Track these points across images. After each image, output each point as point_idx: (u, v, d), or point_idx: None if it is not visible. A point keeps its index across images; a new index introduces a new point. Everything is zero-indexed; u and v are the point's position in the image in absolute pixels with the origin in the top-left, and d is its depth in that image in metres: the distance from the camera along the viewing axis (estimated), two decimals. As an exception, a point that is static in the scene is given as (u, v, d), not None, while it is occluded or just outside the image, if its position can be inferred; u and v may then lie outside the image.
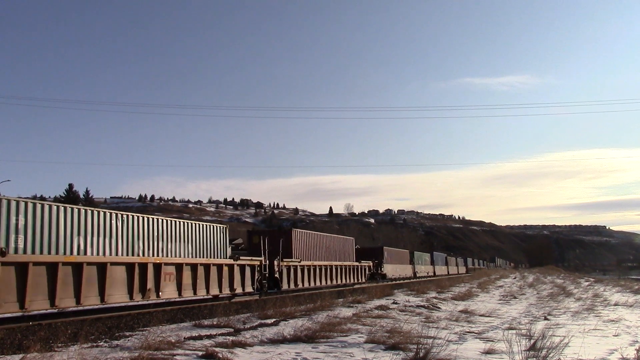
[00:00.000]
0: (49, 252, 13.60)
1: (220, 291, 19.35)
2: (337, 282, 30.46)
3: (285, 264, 23.87)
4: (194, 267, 18.04)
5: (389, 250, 45.96)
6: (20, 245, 13.04)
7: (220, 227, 22.16)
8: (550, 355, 7.92)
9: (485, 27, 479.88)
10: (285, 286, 23.85)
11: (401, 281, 43.30)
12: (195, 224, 20.70)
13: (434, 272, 62.92)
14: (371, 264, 38.40)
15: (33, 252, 13.17)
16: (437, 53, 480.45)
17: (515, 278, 59.92)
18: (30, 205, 13.44)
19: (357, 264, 35.08)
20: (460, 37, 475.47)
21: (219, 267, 19.51)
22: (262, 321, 13.39)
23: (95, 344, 9.62)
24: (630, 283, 42.02)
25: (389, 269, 43.31)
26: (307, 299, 19.79)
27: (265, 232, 29.03)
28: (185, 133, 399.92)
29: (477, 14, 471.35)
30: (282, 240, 24.06)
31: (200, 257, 19.84)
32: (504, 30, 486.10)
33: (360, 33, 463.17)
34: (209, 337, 10.50)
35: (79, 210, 15.05)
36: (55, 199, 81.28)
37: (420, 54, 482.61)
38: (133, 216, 17.12)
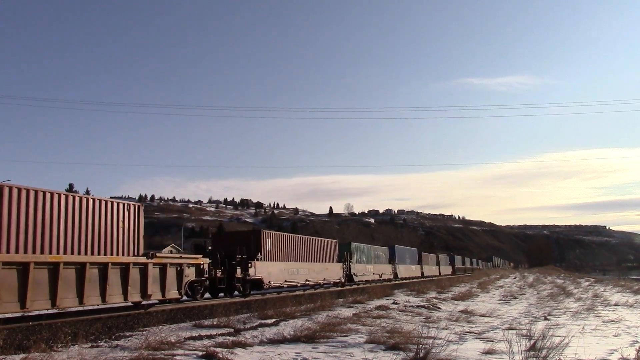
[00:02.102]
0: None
1: None
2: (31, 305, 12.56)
3: None
4: None
5: (274, 237, 25.20)
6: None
7: None
8: (551, 356, 7.92)
9: (484, 28, 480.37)
10: None
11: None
12: None
13: (395, 274, 45.98)
14: (203, 262, 19.06)
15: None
16: (437, 53, 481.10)
17: (515, 278, 59.91)
18: None
19: (141, 261, 15.95)
20: (460, 37, 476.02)
21: None
22: (262, 321, 13.40)
23: (95, 344, 9.62)
24: (630, 283, 42.01)
25: (274, 271, 24.02)
26: (307, 299, 19.79)
27: None
28: (185, 133, 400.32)
29: (477, 14, 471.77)
30: None
31: None
32: (503, 31, 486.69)
33: (360, 33, 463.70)
34: (209, 337, 10.50)
35: None
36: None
37: (420, 54, 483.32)
38: None
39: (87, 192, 65.08)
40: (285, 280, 25.47)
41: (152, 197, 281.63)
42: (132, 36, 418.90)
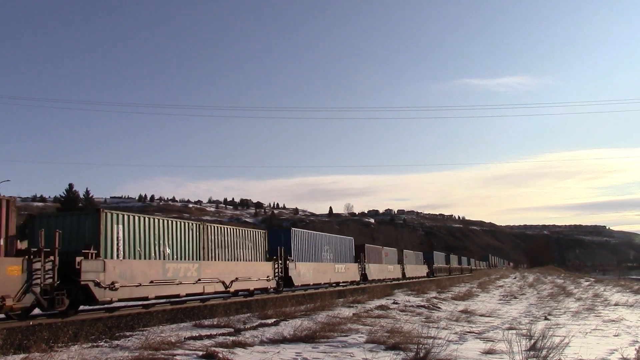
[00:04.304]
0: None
1: None
2: None
3: None
4: None
5: None
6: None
7: None
8: (551, 355, 7.92)
9: (484, 29, 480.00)
10: None
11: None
12: None
13: (286, 279, 25.55)
14: None
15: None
16: (437, 54, 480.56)
17: (515, 278, 59.90)
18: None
19: None
20: (460, 38, 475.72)
21: None
22: (262, 321, 13.40)
23: (95, 344, 9.62)
24: (630, 283, 42.03)
25: None
26: (307, 299, 19.81)
27: None
28: (185, 133, 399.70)
29: (475, 16, 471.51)
30: None
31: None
32: (502, 32, 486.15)
33: (360, 34, 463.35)
34: (209, 337, 10.51)
35: None
36: (55, 199, 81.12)
37: (420, 54, 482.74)
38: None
39: (87, 192, 64.21)
40: None
41: (152, 197, 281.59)
42: (132, 36, 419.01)
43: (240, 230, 22.82)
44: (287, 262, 25.38)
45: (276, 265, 24.45)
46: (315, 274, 28.52)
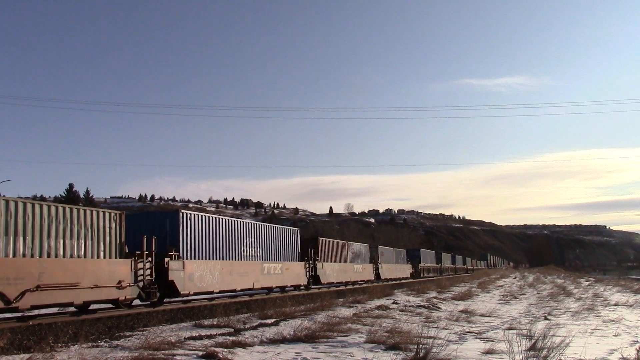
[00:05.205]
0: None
1: None
2: None
3: None
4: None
5: None
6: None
7: None
8: (551, 356, 7.91)
9: (483, 29, 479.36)
10: None
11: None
12: None
13: (147, 293, 16.83)
14: None
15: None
16: (436, 54, 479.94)
17: (515, 278, 59.89)
18: None
19: None
20: (459, 38, 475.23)
21: None
22: (262, 321, 13.41)
23: (95, 344, 9.63)
24: (630, 283, 42.04)
25: None
26: (307, 299, 19.82)
27: None
28: (185, 133, 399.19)
29: (475, 16, 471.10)
30: None
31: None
32: (502, 32, 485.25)
33: (361, 34, 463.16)
34: (209, 337, 10.51)
35: None
36: (56, 199, 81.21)
37: (420, 54, 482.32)
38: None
39: (87, 192, 64.53)
40: None
41: (152, 197, 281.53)
42: (132, 36, 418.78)
43: (61, 209, 14.20)
44: (168, 259, 17.50)
45: (142, 265, 16.50)
46: (224, 278, 20.56)
